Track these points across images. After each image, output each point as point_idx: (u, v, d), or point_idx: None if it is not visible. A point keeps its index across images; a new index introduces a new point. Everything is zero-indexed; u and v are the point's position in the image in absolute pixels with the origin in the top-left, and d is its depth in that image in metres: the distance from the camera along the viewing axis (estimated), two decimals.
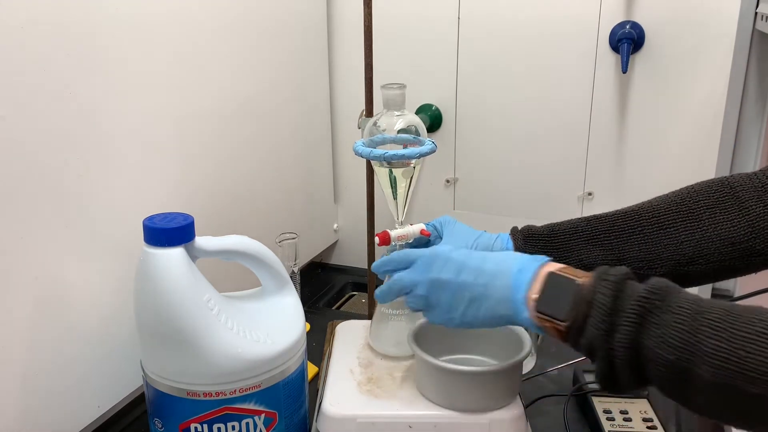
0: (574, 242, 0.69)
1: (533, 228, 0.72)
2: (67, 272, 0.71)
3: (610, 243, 0.68)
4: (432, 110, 1.20)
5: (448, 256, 0.62)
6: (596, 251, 0.68)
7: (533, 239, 0.71)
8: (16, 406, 0.67)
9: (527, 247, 0.71)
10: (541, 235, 0.71)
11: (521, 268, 0.58)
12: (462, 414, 0.66)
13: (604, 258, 0.68)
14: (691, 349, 0.46)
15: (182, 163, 0.87)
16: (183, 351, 0.63)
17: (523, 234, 0.72)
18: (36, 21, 0.64)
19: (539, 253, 0.68)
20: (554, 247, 0.70)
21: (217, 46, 0.91)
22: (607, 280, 0.52)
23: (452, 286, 0.61)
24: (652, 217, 0.68)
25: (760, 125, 1.03)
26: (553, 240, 0.70)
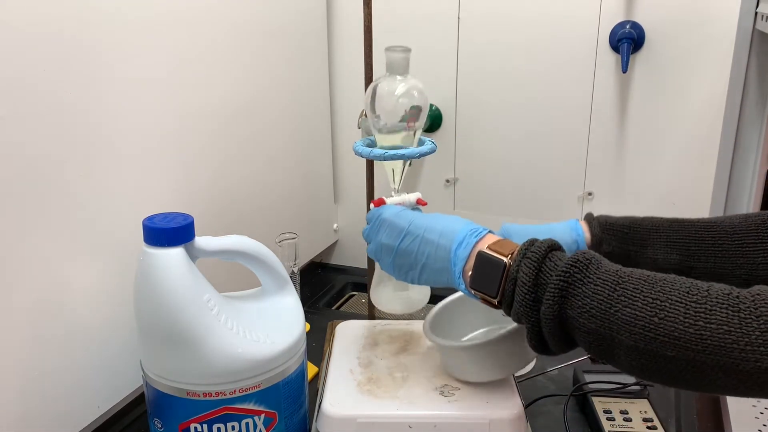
0: (653, 241, 0.70)
1: (611, 219, 0.73)
2: (67, 272, 0.71)
3: (688, 250, 0.68)
4: (432, 110, 1.20)
5: (393, 221, 0.67)
6: (673, 255, 0.69)
7: (612, 230, 0.71)
8: (16, 405, 0.67)
9: (605, 236, 0.71)
10: (622, 227, 0.71)
11: (460, 241, 0.61)
12: (462, 414, 0.66)
13: (678, 263, 0.68)
14: (611, 318, 0.50)
15: (182, 163, 0.87)
16: (183, 351, 0.63)
17: (600, 223, 0.72)
18: (36, 22, 0.64)
19: (617, 244, 0.70)
20: (633, 242, 0.70)
21: (217, 47, 0.91)
22: (529, 258, 0.55)
23: (394, 251, 0.66)
24: (734, 233, 0.67)
25: (760, 125, 1.03)
26: (633, 234, 0.70)
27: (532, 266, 0.55)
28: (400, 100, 0.72)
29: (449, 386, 0.70)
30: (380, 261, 0.69)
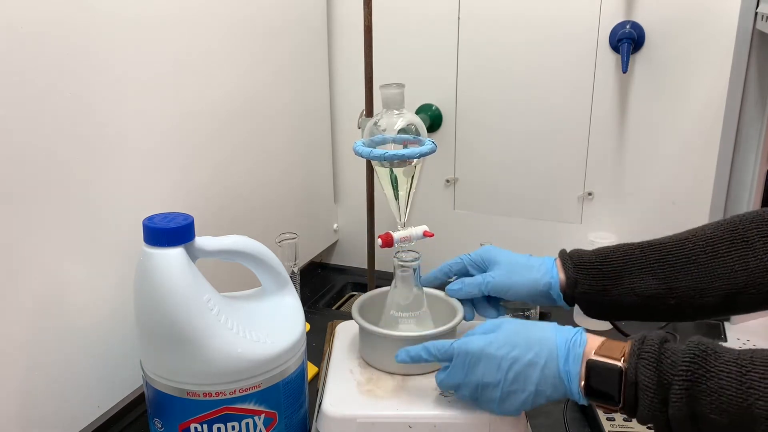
0: (627, 270, 0.69)
1: (583, 254, 0.72)
2: (67, 272, 0.71)
3: (663, 272, 0.68)
4: (432, 110, 1.20)
5: (485, 353, 0.62)
6: (648, 280, 0.68)
7: (585, 269, 0.70)
8: (16, 406, 0.67)
9: (578, 275, 0.70)
10: (593, 263, 0.70)
11: (566, 357, 0.59)
12: (462, 414, 0.66)
13: (656, 288, 0.68)
14: (744, 412, 0.50)
15: (182, 163, 0.87)
16: (183, 351, 0.63)
17: (573, 261, 0.71)
18: (37, 21, 0.64)
19: (593, 282, 0.69)
20: (607, 276, 0.70)
21: (217, 47, 0.92)
22: (646, 359, 0.54)
23: (501, 385, 0.62)
24: (705, 245, 0.67)
25: (760, 125, 1.03)
26: (606, 269, 0.70)
27: (651, 368, 0.54)
28: (399, 135, 0.74)
29: None
30: (484, 397, 0.64)
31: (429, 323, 0.76)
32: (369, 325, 0.72)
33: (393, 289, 0.76)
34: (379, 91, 0.74)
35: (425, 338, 0.71)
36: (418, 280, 0.76)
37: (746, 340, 1.03)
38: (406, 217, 0.77)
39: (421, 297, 0.76)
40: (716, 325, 1.07)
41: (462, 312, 0.75)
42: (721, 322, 1.08)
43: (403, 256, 0.74)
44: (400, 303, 0.75)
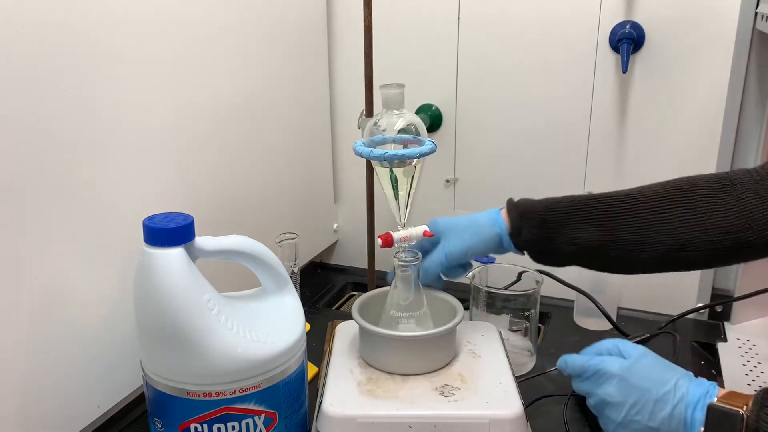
0: (570, 221, 0.71)
1: (529, 204, 0.74)
2: (67, 272, 0.71)
3: (607, 224, 0.69)
4: (432, 110, 1.20)
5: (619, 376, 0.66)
6: (591, 230, 0.70)
7: (529, 217, 0.73)
8: (16, 406, 0.67)
9: (522, 223, 0.72)
10: (538, 212, 0.72)
11: (695, 404, 0.62)
12: (462, 414, 0.66)
13: (598, 239, 0.69)
14: None
15: (182, 163, 0.87)
16: (183, 351, 0.63)
17: (518, 210, 0.74)
18: (36, 21, 0.64)
19: (536, 231, 0.72)
20: (550, 225, 0.71)
21: (217, 46, 0.92)
22: None
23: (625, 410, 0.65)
24: (649, 201, 0.69)
25: (760, 125, 1.03)
26: (550, 218, 0.72)
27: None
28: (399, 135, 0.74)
29: (449, 386, 0.70)
30: (600, 414, 0.69)
31: (429, 323, 0.76)
32: (369, 325, 0.73)
33: (393, 289, 0.76)
34: (379, 91, 0.74)
35: (425, 338, 0.71)
36: (418, 280, 0.76)
37: (746, 340, 1.03)
38: (406, 217, 0.77)
39: (421, 297, 0.76)
40: (716, 326, 1.08)
41: (462, 312, 0.75)
42: (721, 322, 1.08)
43: (403, 256, 0.75)
44: (400, 303, 0.75)
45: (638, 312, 1.13)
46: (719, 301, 1.09)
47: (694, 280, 1.09)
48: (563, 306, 1.15)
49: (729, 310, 1.08)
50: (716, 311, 1.09)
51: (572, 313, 1.12)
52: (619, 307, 1.12)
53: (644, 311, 1.13)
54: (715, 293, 1.10)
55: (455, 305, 0.76)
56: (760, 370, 0.94)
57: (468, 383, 0.70)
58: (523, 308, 0.92)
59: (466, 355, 0.76)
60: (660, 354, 0.98)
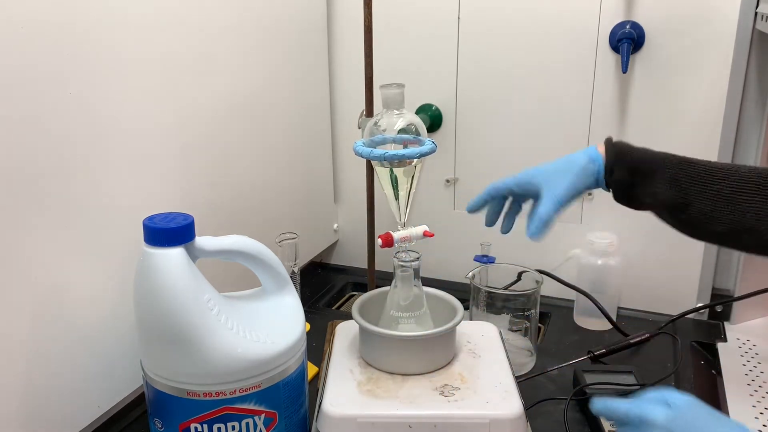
0: (658, 176, 0.74)
1: (626, 147, 0.77)
2: (67, 272, 0.71)
3: (688, 190, 0.72)
4: (432, 110, 1.20)
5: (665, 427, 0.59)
6: (672, 191, 0.73)
7: (624, 161, 0.76)
8: (17, 406, 0.67)
9: (616, 166, 0.76)
10: (633, 160, 0.76)
11: None
12: (462, 414, 0.66)
13: (674, 199, 0.73)
14: None
15: (182, 162, 0.87)
16: (183, 351, 0.63)
17: (615, 152, 0.77)
18: (36, 21, 0.64)
19: (626, 175, 0.75)
20: (640, 174, 0.75)
21: (217, 46, 0.92)
22: None
23: None
24: (733, 182, 0.71)
25: (760, 125, 1.03)
26: (643, 167, 0.75)
27: None
28: (399, 135, 0.74)
29: (449, 386, 0.70)
30: None
31: (429, 323, 0.76)
32: (369, 325, 0.73)
33: (393, 289, 0.76)
34: (379, 91, 0.74)
35: (425, 338, 0.71)
36: (418, 280, 0.76)
37: (746, 340, 1.03)
38: (406, 217, 0.77)
39: (421, 297, 0.76)
40: (716, 325, 1.08)
41: (462, 312, 0.75)
42: (721, 322, 1.08)
43: (403, 256, 0.75)
44: (400, 303, 0.75)
45: (638, 312, 1.13)
46: (719, 301, 1.09)
47: (694, 280, 1.09)
48: (563, 306, 1.15)
49: (729, 310, 1.08)
50: (716, 311, 1.09)
51: (572, 313, 1.12)
52: (619, 307, 1.12)
53: (644, 311, 1.13)
54: (715, 293, 1.11)
55: (455, 305, 0.76)
56: (760, 370, 0.94)
57: (468, 383, 0.71)
58: (523, 308, 0.92)
59: (466, 355, 0.76)
60: (660, 354, 0.99)
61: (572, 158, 0.79)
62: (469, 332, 0.80)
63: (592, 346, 0.97)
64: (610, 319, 1.04)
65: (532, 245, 1.20)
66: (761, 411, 0.84)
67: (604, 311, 1.03)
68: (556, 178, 0.78)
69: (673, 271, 1.11)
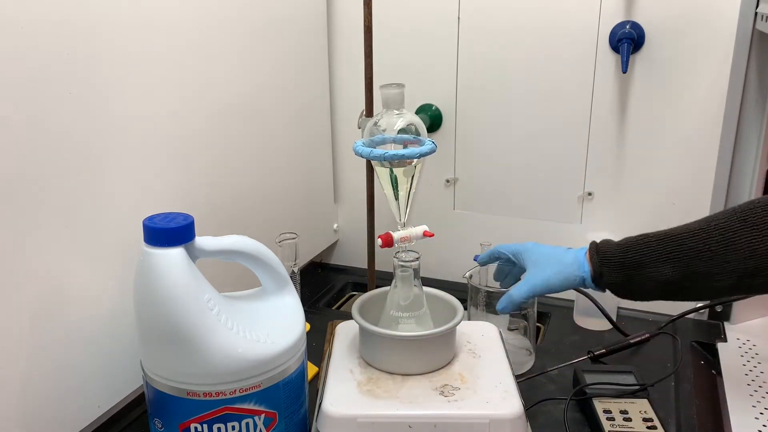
0: (647, 261, 0.74)
1: (608, 248, 0.78)
2: (67, 272, 0.71)
3: (680, 261, 0.72)
4: (432, 110, 1.20)
5: None
6: (666, 269, 0.73)
7: (610, 262, 0.77)
8: (17, 406, 0.67)
9: (603, 268, 0.77)
10: (616, 257, 0.77)
11: None
12: (462, 414, 0.66)
13: (672, 275, 0.73)
14: None
15: (182, 162, 0.87)
16: (183, 351, 0.63)
17: (599, 256, 0.78)
18: (36, 21, 0.64)
19: (617, 274, 0.76)
20: (630, 267, 0.75)
21: (217, 46, 0.92)
22: None
23: None
24: (719, 234, 0.71)
25: (760, 125, 1.03)
26: (628, 260, 0.76)
27: None
28: (399, 135, 0.74)
29: (449, 386, 0.70)
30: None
31: (429, 323, 0.76)
32: (369, 325, 0.73)
33: (393, 289, 0.76)
34: (379, 91, 0.74)
35: (425, 338, 0.71)
36: (418, 280, 0.76)
37: (746, 340, 1.03)
38: (406, 217, 0.77)
39: (421, 297, 0.76)
40: (716, 325, 1.08)
41: (462, 312, 0.75)
42: (721, 322, 1.08)
43: (403, 256, 0.75)
44: (400, 303, 0.75)
45: (638, 312, 1.13)
46: (719, 301, 1.09)
47: None
48: (563, 306, 1.15)
49: (729, 310, 1.08)
50: (716, 311, 1.09)
51: (572, 313, 1.12)
52: (619, 307, 1.12)
53: (644, 311, 1.13)
54: None
55: (455, 305, 0.76)
56: (760, 370, 0.94)
57: (468, 383, 0.71)
58: (521, 307, 0.92)
59: (466, 355, 0.76)
60: (660, 354, 0.99)
61: (562, 255, 0.81)
62: (469, 332, 0.80)
63: (592, 346, 0.97)
64: (610, 319, 1.04)
65: None
66: (761, 411, 0.84)
67: (604, 311, 1.03)
68: (542, 266, 0.81)
69: None
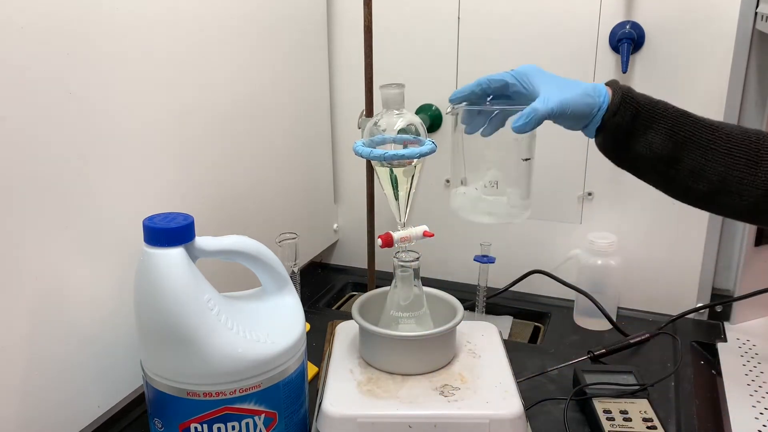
0: (657, 126, 0.73)
1: (632, 94, 0.75)
2: (67, 272, 0.71)
3: (683, 143, 0.72)
4: (432, 110, 1.20)
5: None
6: (668, 143, 0.72)
7: (628, 106, 0.74)
8: (16, 406, 0.67)
9: (621, 109, 0.74)
10: (637, 106, 0.74)
11: None
12: (462, 414, 0.66)
13: (670, 151, 0.72)
14: None
15: (182, 162, 0.87)
16: (183, 351, 0.63)
17: (622, 93, 0.75)
18: (36, 21, 0.64)
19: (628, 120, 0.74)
20: (640, 121, 0.74)
21: (217, 46, 0.91)
22: None
23: None
24: (725, 142, 0.71)
25: (760, 125, 1.03)
26: (644, 115, 0.74)
27: None
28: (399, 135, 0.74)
29: (449, 386, 0.70)
30: None
31: (429, 323, 0.76)
32: (369, 325, 0.73)
33: (393, 289, 0.76)
34: (379, 91, 0.74)
35: (425, 338, 0.71)
36: (418, 280, 0.76)
37: (746, 340, 1.03)
38: (406, 217, 0.77)
39: (421, 297, 0.76)
40: (716, 325, 1.08)
41: (462, 312, 0.75)
42: (721, 322, 1.08)
43: (403, 256, 0.75)
44: (400, 303, 0.75)
45: (638, 312, 1.13)
46: (719, 301, 1.09)
47: (694, 280, 1.09)
48: (563, 306, 1.15)
49: (729, 310, 1.08)
50: (716, 311, 1.09)
51: (572, 313, 1.12)
52: (619, 307, 1.12)
53: (644, 311, 1.13)
54: (715, 293, 1.10)
55: (455, 305, 0.76)
56: (760, 370, 0.94)
57: (468, 383, 0.71)
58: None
59: (466, 355, 0.76)
60: (660, 354, 0.99)
61: (581, 83, 0.76)
62: (469, 332, 0.80)
63: (592, 346, 0.97)
64: (610, 319, 1.04)
65: (531, 245, 1.21)
66: (761, 411, 0.84)
67: (604, 311, 1.03)
68: (556, 87, 0.74)
69: (673, 271, 1.11)
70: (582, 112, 0.74)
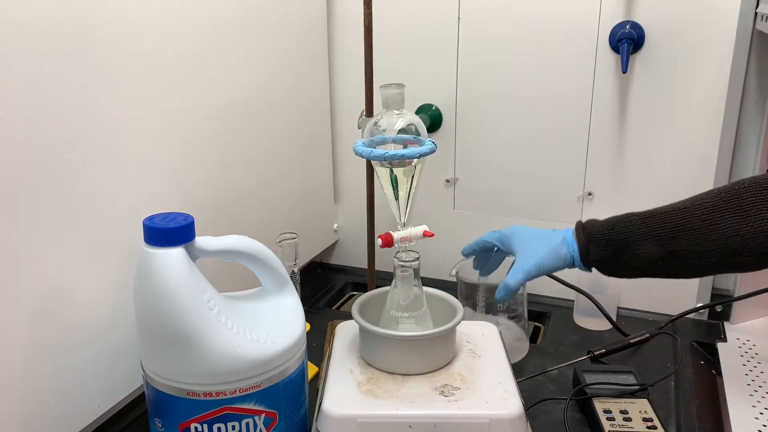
0: (632, 239, 0.76)
1: (594, 226, 0.80)
2: (67, 272, 0.71)
3: (664, 239, 0.74)
4: (432, 110, 1.20)
5: None
6: (651, 247, 0.75)
7: (595, 240, 0.79)
8: (16, 406, 0.67)
9: (590, 245, 0.79)
10: (603, 234, 0.78)
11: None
12: (462, 414, 0.66)
13: (657, 252, 0.75)
14: None
15: (182, 162, 0.87)
16: (183, 351, 0.63)
17: (585, 233, 0.80)
18: (36, 21, 0.64)
19: (602, 251, 0.78)
20: (614, 245, 0.77)
21: (217, 46, 0.92)
22: None
23: None
24: (702, 214, 0.73)
25: (760, 125, 1.03)
26: (613, 238, 0.77)
27: None
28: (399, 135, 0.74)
29: (449, 386, 0.70)
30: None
31: (429, 323, 0.76)
32: (369, 325, 0.73)
33: (393, 289, 0.76)
34: (379, 91, 0.74)
35: (425, 338, 0.71)
36: (418, 280, 0.76)
37: (746, 340, 1.03)
38: (406, 217, 0.77)
39: (421, 297, 0.76)
40: (716, 325, 1.08)
41: (462, 312, 0.75)
42: (721, 322, 1.08)
43: (403, 256, 0.75)
44: (400, 303, 0.75)
45: (638, 312, 1.13)
46: (719, 301, 1.09)
47: (693, 280, 1.09)
48: (563, 306, 1.15)
49: (729, 310, 1.08)
50: (716, 311, 1.09)
51: (572, 313, 1.12)
52: (619, 307, 1.12)
53: (644, 311, 1.13)
54: (715, 293, 1.11)
55: (455, 305, 0.76)
56: (760, 370, 0.94)
57: (468, 383, 0.71)
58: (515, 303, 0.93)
59: (466, 355, 0.76)
60: (660, 354, 0.99)
61: (551, 236, 0.83)
62: (469, 332, 0.80)
63: (592, 346, 0.97)
64: (610, 319, 1.04)
65: None
66: (761, 411, 0.84)
67: (604, 311, 1.03)
68: (532, 248, 0.82)
69: None
70: (555, 266, 0.82)
